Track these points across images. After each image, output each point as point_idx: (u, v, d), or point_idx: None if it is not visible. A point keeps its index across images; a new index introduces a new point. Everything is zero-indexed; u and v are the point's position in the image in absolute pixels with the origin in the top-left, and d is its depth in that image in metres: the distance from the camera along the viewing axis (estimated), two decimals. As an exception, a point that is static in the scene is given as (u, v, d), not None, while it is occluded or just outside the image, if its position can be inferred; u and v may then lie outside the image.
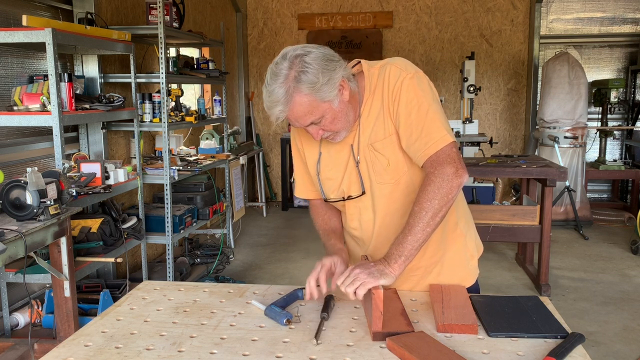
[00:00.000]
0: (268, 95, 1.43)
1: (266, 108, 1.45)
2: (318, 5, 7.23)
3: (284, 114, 1.43)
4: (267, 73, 1.45)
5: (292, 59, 1.42)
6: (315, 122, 1.47)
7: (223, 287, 1.67)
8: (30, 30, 2.64)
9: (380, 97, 1.52)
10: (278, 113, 1.43)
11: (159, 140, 4.52)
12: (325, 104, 1.44)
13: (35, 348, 2.59)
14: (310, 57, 1.42)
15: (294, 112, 1.43)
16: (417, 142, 1.46)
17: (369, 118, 1.54)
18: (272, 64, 1.45)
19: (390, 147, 1.52)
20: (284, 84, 1.40)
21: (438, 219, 1.41)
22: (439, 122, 1.46)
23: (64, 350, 1.26)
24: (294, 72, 1.40)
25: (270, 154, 7.63)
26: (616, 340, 3.39)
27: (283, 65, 1.42)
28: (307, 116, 1.45)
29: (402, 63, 1.53)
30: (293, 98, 1.41)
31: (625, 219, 6.24)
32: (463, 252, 1.68)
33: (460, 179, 1.41)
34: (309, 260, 4.97)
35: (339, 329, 1.37)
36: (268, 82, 1.43)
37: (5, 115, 2.76)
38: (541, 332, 1.31)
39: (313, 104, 1.43)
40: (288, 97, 1.40)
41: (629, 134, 7.11)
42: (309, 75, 1.40)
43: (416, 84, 1.48)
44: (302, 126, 1.49)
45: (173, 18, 3.95)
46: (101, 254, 2.97)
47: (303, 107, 1.43)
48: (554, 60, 6.11)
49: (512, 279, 4.51)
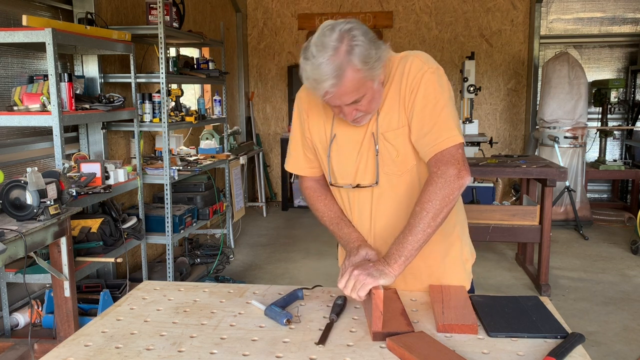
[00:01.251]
0: (314, 68, 1.33)
1: (309, 82, 1.37)
2: (318, 5, 7.23)
3: (335, 89, 1.35)
4: (310, 46, 1.35)
5: (342, 32, 1.34)
6: (357, 101, 1.41)
7: (223, 287, 1.66)
8: (30, 30, 2.64)
9: (398, 86, 1.49)
10: (328, 87, 1.34)
11: (159, 140, 4.52)
12: (370, 82, 1.39)
13: (35, 348, 2.59)
14: (360, 32, 1.35)
15: (344, 87, 1.36)
16: (426, 137, 1.45)
17: (384, 107, 1.51)
18: (317, 36, 1.36)
19: (402, 138, 1.50)
20: (335, 57, 1.32)
21: (439, 220, 1.41)
22: (452, 121, 1.45)
23: (64, 350, 1.26)
24: (345, 46, 1.33)
25: (270, 154, 7.63)
26: (616, 340, 3.39)
27: (332, 37, 1.33)
28: (352, 93, 1.39)
29: (425, 57, 1.50)
30: (345, 73, 1.33)
31: (625, 219, 6.24)
32: (459, 255, 1.68)
33: (462, 180, 1.41)
34: (309, 260, 4.97)
35: (339, 329, 1.37)
36: (313, 54, 1.34)
37: (5, 115, 2.76)
38: (541, 332, 1.31)
39: (361, 81, 1.37)
40: (340, 72, 1.33)
41: (629, 134, 7.10)
42: (362, 50, 1.33)
43: (436, 80, 1.46)
44: (342, 104, 1.42)
45: (173, 18, 3.95)
46: (101, 254, 2.97)
47: (353, 83, 1.36)
48: (554, 60, 6.11)
49: (512, 279, 4.51)
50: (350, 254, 1.54)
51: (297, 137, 1.69)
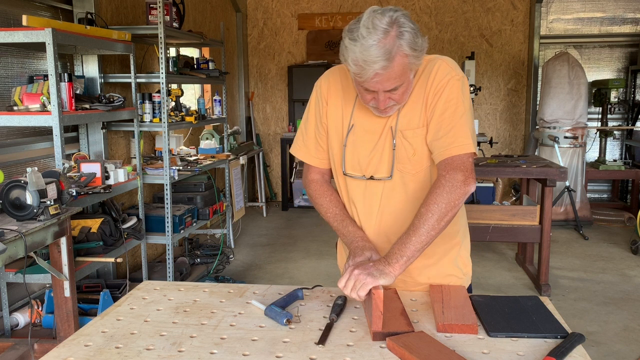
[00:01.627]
0: (364, 49, 1.32)
1: (356, 63, 1.35)
2: (318, 5, 7.23)
3: (385, 71, 1.34)
4: (359, 27, 1.34)
5: (392, 17, 1.34)
6: (395, 88, 1.40)
7: (223, 287, 1.66)
8: (30, 30, 2.64)
9: (424, 87, 1.50)
10: (379, 69, 1.33)
11: (159, 140, 4.52)
12: (409, 72, 1.41)
13: (35, 348, 2.59)
14: (408, 19, 1.37)
15: (392, 71, 1.35)
16: (442, 139, 1.47)
17: (407, 104, 1.51)
18: (366, 18, 1.35)
19: (420, 138, 1.51)
20: (386, 40, 1.32)
21: (443, 223, 1.41)
22: (468, 129, 1.47)
23: (64, 350, 1.26)
24: (395, 30, 1.33)
25: (270, 154, 7.63)
26: (616, 340, 3.39)
27: (382, 20, 1.33)
28: (396, 79, 1.38)
29: (452, 63, 1.53)
30: (395, 57, 1.34)
31: (625, 219, 6.24)
32: (457, 260, 1.68)
33: (468, 187, 1.43)
34: (309, 260, 4.97)
35: (339, 329, 1.37)
36: (363, 35, 1.33)
37: (5, 115, 2.76)
38: (541, 332, 1.31)
39: (405, 68, 1.38)
40: (390, 55, 1.33)
41: (629, 134, 7.10)
42: (411, 36, 1.35)
43: (460, 87, 1.48)
44: (382, 89, 1.40)
45: (173, 18, 3.95)
46: (101, 254, 2.97)
47: (400, 68, 1.36)
48: (554, 60, 6.11)
49: (512, 279, 4.51)
50: (353, 253, 1.53)
51: (311, 125, 1.67)
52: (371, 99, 1.46)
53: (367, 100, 1.47)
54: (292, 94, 7.21)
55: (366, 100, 1.48)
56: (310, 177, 1.72)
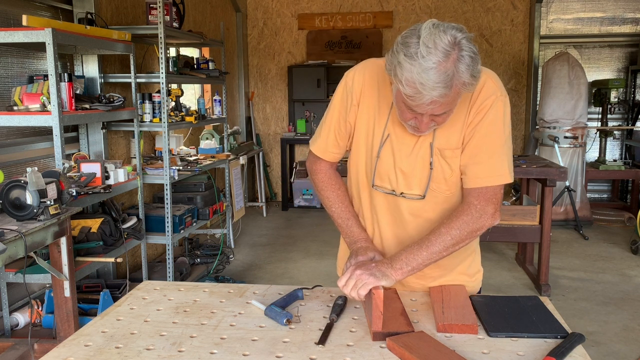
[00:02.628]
0: (423, 71, 1.17)
1: (411, 85, 1.20)
2: (318, 5, 7.23)
3: (443, 100, 1.21)
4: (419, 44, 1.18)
5: (455, 37, 1.19)
6: (444, 112, 1.29)
7: (223, 287, 1.66)
8: (30, 30, 2.64)
9: (466, 105, 1.39)
10: (437, 96, 1.20)
11: (159, 140, 4.52)
12: (459, 98, 1.29)
13: (35, 348, 2.59)
14: (468, 41, 1.21)
15: (447, 99, 1.22)
16: (479, 165, 1.41)
17: (446, 122, 1.39)
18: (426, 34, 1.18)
19: (458, 159, 1.44)
20: (446, 64, 1.18)
21: (457, 247, 1.41)
22: (507, 160, 1.42)
23: (64, 350, 1.26)
24: (456, 53, 1.19)
25: (270, 154, 7.63)
26: (616, 340, 3.39)
27: (445, 38, 1.18)
28: (448, 105, 1.26)
29: (497, 79, 1.43)
30: (454, 85, 1.20)
31: (625, 219, 6.24)
32: (468, 269, 1.66)
33: (495, 221, 1.42)
34: (309, 260, 4.97)
35: (339, 329, 1.37)
36: (423, 55, 1.17)
37: (5, 115, 2.76)
38: (541, 332, 1.31)
39: (457, 95, 1.25)
40: (450, 82, 1.19)
41: (629, 134, 7.10)
42: (472, 62, 1.20)
43: (503, 110, 1.40)
44: (430, 113, 1.27)
45: (173, 18, 3.95)
46: (101, 254, 2.97)
47: (455, 96, 1.24)
48: (554, 60, 6.11)
49: (512, 279, 4.51)
50: (356, 253, 1.50)
51: (332, 120, 1.55)
52: (411, 118, 1.34)
53: (406, 118, 1.35)
54: (292, 94, 7.21)
55: (405, 118, 1.35)
56: (319, 167, 1.63)
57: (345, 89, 1.52)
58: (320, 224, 6.24)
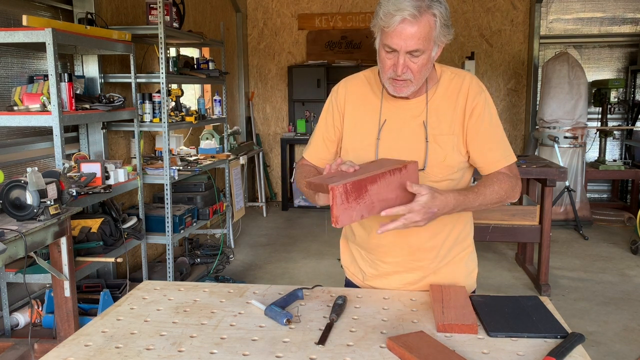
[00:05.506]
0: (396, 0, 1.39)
1: (385, 13, 1.40)
2: (318, 5, 7.23)
3: (413, 20, 1.38)
4: None
5: None
6: (416, 52, 1.42)
7: (223, 287, 1.67)
8: (30, 30, 2.64)
9: (455, 98, 1.56)
10: (407, 15, 1.37)
11: (159, 140, 4.52)
12: (432, 45, 1.43)
13: (35, 348, 2.59)
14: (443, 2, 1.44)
15: (417, 28, 1.39)
16: (495, 151, 1.57)
17: (436, 107, 1.56)
18: None
19: (450, 145, 1.55)
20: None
21: (486, 206, 1.52)
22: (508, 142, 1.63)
23: (64, 350, 1.26)
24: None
25: (270, 154, 7.63)
26: (616, 340, 3.39)
27: None
28: (419, 40, 1.40)
29: (478, 80, 1.62)
30: (424, 13, 1.39)
31: (625, 219, 6.24)
32: (465, 264, 1.69)
33: (519, 195, 1.61)
34: (309, 260, 4.97)
35: (339, 328, 1.37)
36: None
37: (6, 115, 2.76)
38: (541, 332, 1.31)
39: (429, 34, 1.41)
40: (420, 10, 1.38)
41: (629, 134, 7.11)
42: (442, 10, 1.41)
43: (492, 103, 1.61)
44: (404, 48, 1.42)
45: (173, 18, 3.95)
46: (101, 254, 2.97)
47: (425, 29, 1.40)
48: (553, 60, 6.11)
49: (512, 279, 4.51)
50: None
51: (321, 128, 1.71)
52: (391, 66, 1.46)
53: (387, 67, 1.47)
54: (292, 94, 7.21)
55: (386, 67, 1.47)
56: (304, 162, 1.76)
57: (331, 100, 1.70)
58: (320, 224, 6.24)
